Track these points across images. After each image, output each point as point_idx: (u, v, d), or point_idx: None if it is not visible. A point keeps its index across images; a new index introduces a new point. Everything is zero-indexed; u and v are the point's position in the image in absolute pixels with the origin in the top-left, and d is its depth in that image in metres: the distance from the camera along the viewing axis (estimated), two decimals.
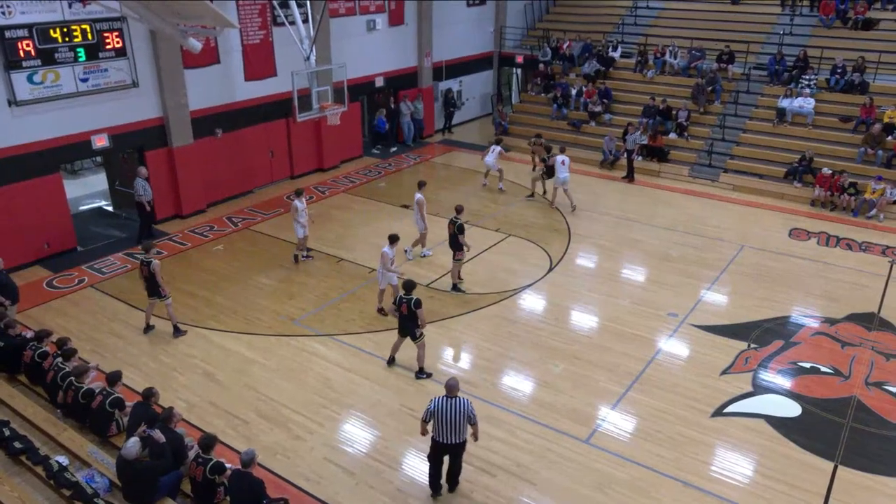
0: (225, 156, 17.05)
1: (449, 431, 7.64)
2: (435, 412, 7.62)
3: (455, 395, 7.64)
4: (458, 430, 7.64)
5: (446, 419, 7.58)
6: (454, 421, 7.58)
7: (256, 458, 7.21)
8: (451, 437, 7.67)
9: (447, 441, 7.71)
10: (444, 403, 7.60)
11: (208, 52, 15.70)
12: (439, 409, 7.59)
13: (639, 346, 11.23)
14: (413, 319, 10.00)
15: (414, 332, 10.12)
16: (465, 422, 7.64)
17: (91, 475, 7.61)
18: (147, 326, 11.57)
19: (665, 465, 8.65)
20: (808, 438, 9.16)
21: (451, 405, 7.58)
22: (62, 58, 13.35)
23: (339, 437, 9.18)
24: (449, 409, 7.57)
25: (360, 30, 20.22)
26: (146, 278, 11.05)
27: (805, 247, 15.13)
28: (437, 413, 7.61)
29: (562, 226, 16.16)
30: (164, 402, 8.82)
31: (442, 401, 7.63)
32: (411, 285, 10.09)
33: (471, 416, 7.64)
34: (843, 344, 11.37)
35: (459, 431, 7.66)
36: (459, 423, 7.60)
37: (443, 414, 7.58)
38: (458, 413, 7.57)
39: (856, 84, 19.23)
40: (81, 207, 17.04)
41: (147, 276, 11.00)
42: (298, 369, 10.59)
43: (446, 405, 7.58)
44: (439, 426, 7.65)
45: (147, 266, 10.93)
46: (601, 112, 21.73)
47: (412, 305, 9.89)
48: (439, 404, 7.61)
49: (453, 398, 7.61)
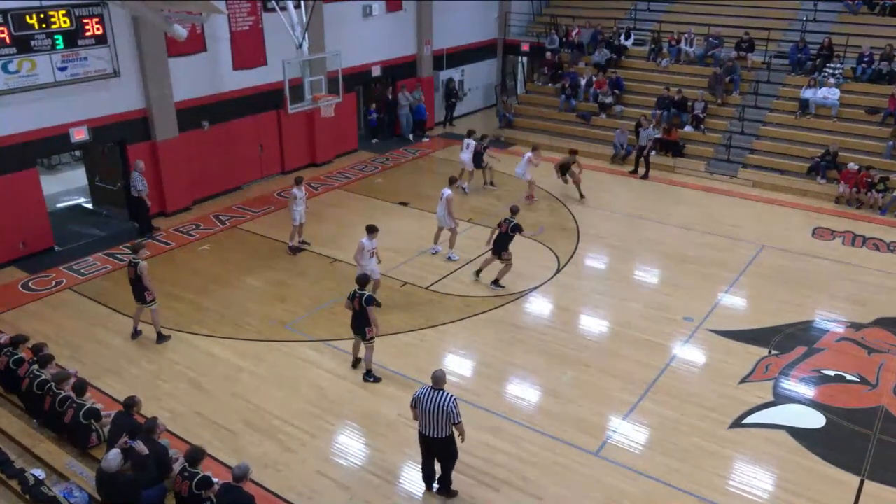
0: (212, 150, 17.06)
1: (430, 424, 7.86)
2: (418, 400, 7.88)
3: (440, 388, 7.82)
4: (439, 424, 7.82)
5: (428, 410, 7.81)
6: (434, 414, 7.77)
7: (250, 472, 7.23)
8: (432, 430, 7.87)
9: (428, 434, 7.91)
10: (427, 394, 7.83)
11: (194, 39, 15.70)
12: (423, 398, 7.84)
13: (652, 353, 11.22)
14: (365, 316, 10.09)
15: (364, 331, 10.20)
16: (446, 418, 7.77)
17: (69, 489, 7.62)
18: (134, 332, 11.55)
19: (679, 479, 8.64)
20: (832, 451, 9.15)
21: (434, 397, 7.78)
22: (39, 45, 13.35)
23: (333, 449, 9.18)
24: (431, 401, 7.78)
25: (356, 16, 20.23)
26: (132, 280, 11.00)
27: (829, 247, 15.12)
28: (421, 402, 7.85)
29: (570, 224, 16.17)
30: (147, 412, 8.83)
31: (427, 391, 7.86)
32: (364, 280, 10.29)
33: (451, 415, 7.75)
34: (869, 350, 11.36)
35: (441, 426, 7.83)
36: (440, 418, 7.77)
37: (425, 404, 7.82)
38: (439, 406, 7.73)
39: (884, 73, 19.22)
40: (59, 205, 17.07)
41: (133, 277, 10.95)
42: (290, 377, 10.59)
43: (430, 396, 7.81)
44: (422, 416, 7.90)
45: (134, 267, 10.87)
46: (612, 103, 21.73)
47: (364, 301, 10.01)
48: (423, 393, 7.87)
49: (438, 391, 7.81)
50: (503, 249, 12.86)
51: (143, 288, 10.96)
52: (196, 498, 7.21)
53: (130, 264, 10.94)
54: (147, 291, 11.00)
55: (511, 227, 12.73)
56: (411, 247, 14.83)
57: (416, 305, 12.62)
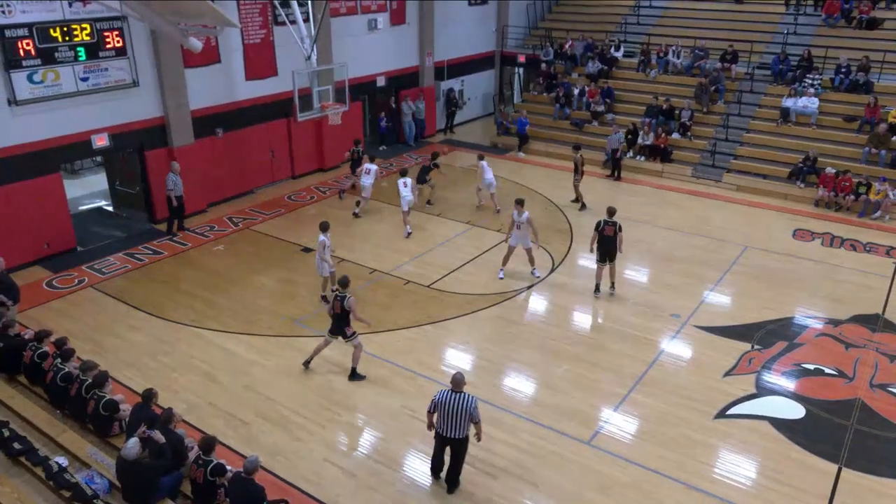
0: (225, 156, 17.06)
1: (451, 425, 7.78)
2: (439, 404, 7.79)
3: (461, 391, 7.76)
4: (459, 425, 7.76)
5: (449, 413, 7.73)
6: (456, 415, 7.71)
7: (259, 465, 7.23)
8: (452, 431, 7.82)
9: (448, 434, 7.86)
10: (448, 397, 7.75)
11: (209, 51, 15.71)
12: (443, 402, 7.76)
13: (641, 348, 11.22)
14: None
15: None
16: (467, 418, 7.74)
17: (91, 476, 7.62)
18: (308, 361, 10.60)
19: (668, 467, 8.64)
20: (811, 440, 9.15)
21: (455, 400, 7.71)
22: (62, 57, 13.37)
23: (340, 439, 9.18)
24: (452, 404, 7.70)
25: (362, 29, 20.23)
26: (337, 315, 10.08)
27: (809, 247, 15.11)
28: (441, 406, 7.77)
29: (564, 226, 16.15)
30: (164, 403, 8.82)
31: (447, 394, 7.78)
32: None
33: (473, 414, 7.73)
34: (847, 345, 11.35)
35: (461, 427, 7.78)
36: (461, 419, 7.73)
37: (446, 407, 7.74)
38: (461, 408, 7.68)
39: (860, 84, 19.21)
40: (81, 207, 17.05)
41: (339, 312, 10.04)
42: (299, 370, 10.59)
43: (450, 399, 7.73)
44: (442, 419, 7.82)
45: (342, 301, 9.98)
46: (604, 112, 21.72)
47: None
48: (444, 397, 7.78)
49: (458, 393, 7.74)
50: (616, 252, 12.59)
51: (348, 323, 10.08)
52: (210, 484, 7.21)
53: (337, 298, 10.01)
54: (348, 327, 10.09)
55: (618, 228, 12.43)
56: (413, 247, 14.83)
57: (418, 303, 12.61)
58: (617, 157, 19.31)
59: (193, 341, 11.37)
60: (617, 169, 19.48)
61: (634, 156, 20.30)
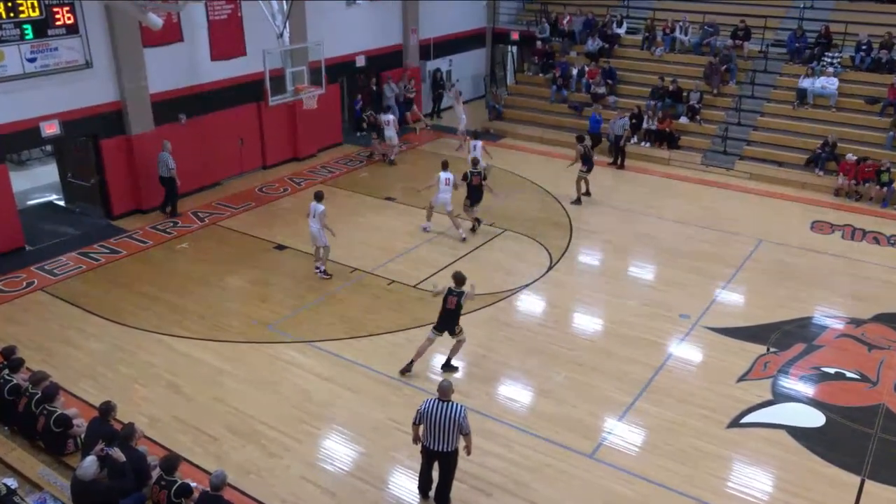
0: (189, 144, 16.93)
1: (438, 438, 7.75)
2: (425, 415, 7.76)
3: (448, 399, 7.75)
4: (447, 437, 7.74)
5: (436, 424, 7.70)
6: (444, 427, 7.69)
7: (227, 479, 7.21)
8: (440, 443, 7.78)
9: (435, 448, 7.82)
10: (434, 406, 7.72)
11: (170, 28, 15.59)
12: (429, 412, 7.73)
13: (647, 352, 11.27)
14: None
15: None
16: (456, 430, 7.73)
17: (43, 499, 7.57)
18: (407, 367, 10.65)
19: (677, 481, 8.69)
20: (832, 450, 9.22)
21: (443, 409, 7.69)
22: (7, 35, 13.22)
23: (318, 454, 9.17)
24: (439, 414, 7.68)
25: (339, 4, 20.16)
26: (450, 311, 10.27)
27: (828, 241, 15.23)
28: (427, 416, 7.74)
29: (563, 219, 16.20)
30: (124, 418, 8.76)
31: (433, 403, 7.75)
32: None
33: (462, 425, 7.72)
34: (870, 347, 11.46)
35: (450, 439, 7.76)
36: (449, 430, 7.71)
37: (432, 418, 7.70)
38: (449, 419, 7.66)
39: (883, 62, 19.36)
40: (30, 202, 16.92)
41: (452, 308, 10.23)
42: (273, 380, 10.56)
43: (437, 408, 7.70)
44: (429, 430, 7.79)
45: (458, 297, 10.20)
46: (605, 94, 21.78)
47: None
48: (429, 407, 7.75)
49: (446, 402, 7.72)
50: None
51: (457, 320, 10.37)
52: None
53: (451, 293, 10.24)
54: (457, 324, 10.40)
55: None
56: (398, 244, 14.82)
57: (403, 304, 12.61)
58: (620, 143, 19.38)
59: (155, 349, 11.31)
60: (620, 156, 19.56)
61: (639, 142, 20.39)
